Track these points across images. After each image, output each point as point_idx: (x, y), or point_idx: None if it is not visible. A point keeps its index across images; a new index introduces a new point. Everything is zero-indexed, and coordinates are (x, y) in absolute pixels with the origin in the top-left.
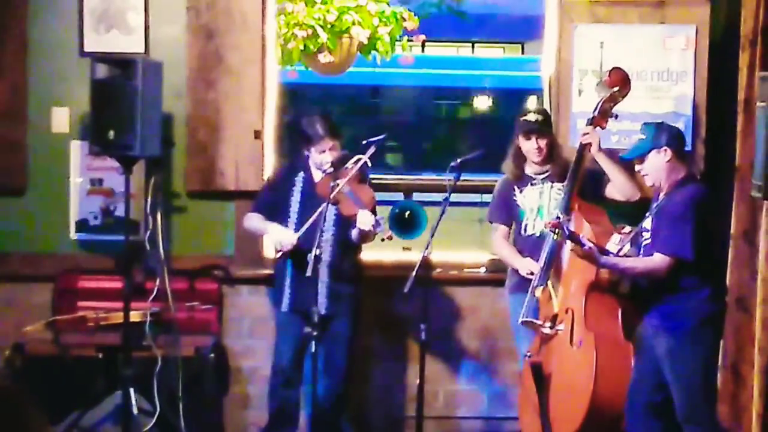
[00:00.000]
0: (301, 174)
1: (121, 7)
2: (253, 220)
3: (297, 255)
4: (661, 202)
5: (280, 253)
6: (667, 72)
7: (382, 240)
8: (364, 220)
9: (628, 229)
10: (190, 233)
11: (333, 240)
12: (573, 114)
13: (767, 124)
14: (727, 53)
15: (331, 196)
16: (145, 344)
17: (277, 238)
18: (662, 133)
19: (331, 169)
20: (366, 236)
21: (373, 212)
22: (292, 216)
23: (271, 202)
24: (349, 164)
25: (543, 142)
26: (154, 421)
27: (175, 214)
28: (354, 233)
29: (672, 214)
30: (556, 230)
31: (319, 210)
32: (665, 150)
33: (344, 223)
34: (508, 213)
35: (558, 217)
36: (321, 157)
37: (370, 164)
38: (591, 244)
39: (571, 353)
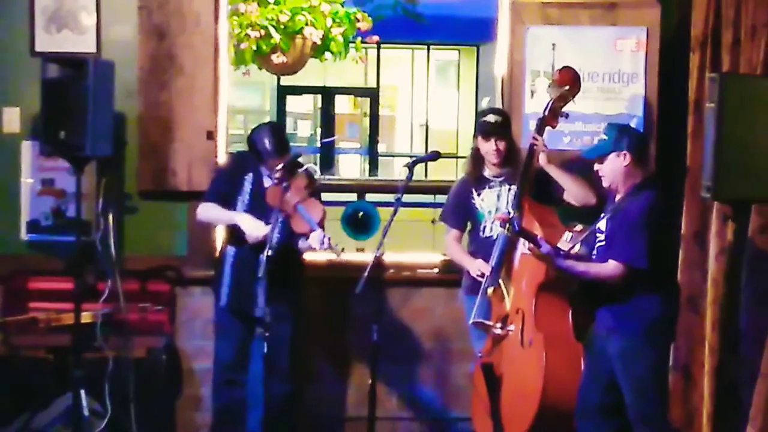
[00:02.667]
0: (251, 175)
1: (72, 7)
2: (214, 210)
3: (244, 251)
4: (617, 206)
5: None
6: (618, 73)
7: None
8: (316, 239)
9: (579, 227)
10: (142, 234)
11: (277, 242)
12: (525, 115)
13: (716, 125)
14: (677, 55)
15: (282, 210)
16: (97, 345)
17: (250, 227)
18: (624, 137)
19: (279, 176)
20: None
21: (321, 226)
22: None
23: (225, 193)
24: (300, 172)
25: (501, 145)
26: (105, 422)
27: (126, 214)
28: (303, 246)
29: (627, 222)
30: (506, 225)
31: (275, 217)
32: (625, 154)
33: (292, 230)
34: (463, 215)
35: (508, 212)
36: (269, 172)
37: (318, 173)
38: (549, 247)
39: (521, 353)
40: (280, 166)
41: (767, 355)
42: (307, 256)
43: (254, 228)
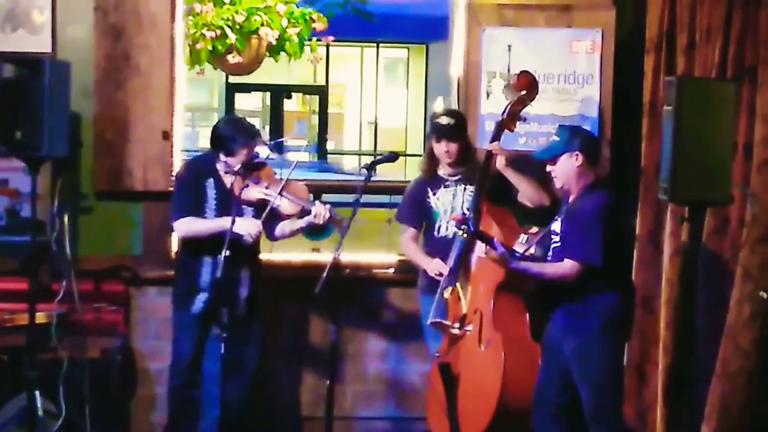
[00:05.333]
0: (211, 180)
1: (27, 6)
2: (195, 223)
3: (220, 259)
4: (570, 207)
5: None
6: (573, 75)
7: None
8: (321, 212)
9: (535, 229)
10: (98, 234)
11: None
12: (481, 116)
13: (674, 128)
14: (632, 57)
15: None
16: (51, 346)
17: (246, 227)
18: (576, 138)
19: (242, 170)
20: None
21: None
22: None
23: (193, 203)
24: (262, 164)
25: (453, 147)
26: (59, 423)
27: (82, 214)
28: (295, 227)
29: (581, 220)
30: (462, 226)
31: (268, 208)
32: (577, 155)
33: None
34: (418, 214)
35: (464, 213)
36: (236, 163)
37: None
38: (503, 249)
39: (479, 354)
40: (245, 161)
41: (722, 355)
42: (262, 257)
43: (248, 227)
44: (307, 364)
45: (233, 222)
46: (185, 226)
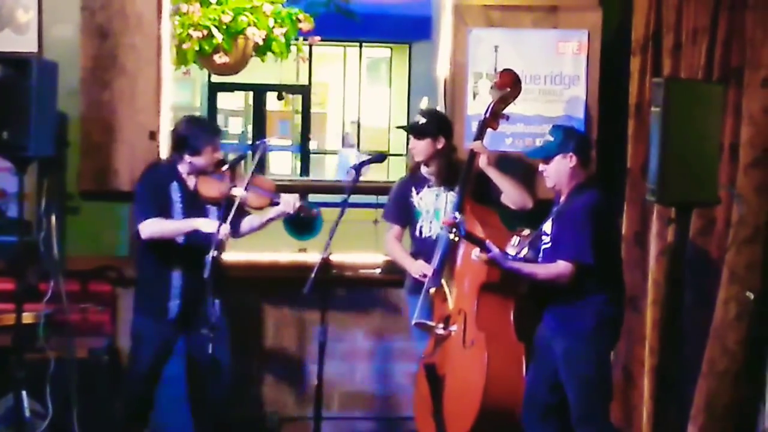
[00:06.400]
0: (175, 184)
1: (13, 6)
2: (162, 223)
3: (186, 258)
4: (561, 207)
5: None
6: (560, 76)
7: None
8: (289, 203)
9: (527, 231)
10: (84, 234)
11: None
12: (468, 116)
13: (661, 129)
14: (618, 58)
15: (231, 198)
16: (38, 346)
17: (211, 227)
18: (571, 139)
19: (207, 170)
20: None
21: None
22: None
23: (160, 206)
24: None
25: (418, 144)
26: (47, 423)
27: (68, 215)
28: (264, 218)
29: (571, 220)
30: (453, 229)
31: (234, 208)
32: (572, 156)
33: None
34: (403, 213)
35: (455, 216)
36: (208, 160)
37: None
38: (496, 249)
39: (463, 354)
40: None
41: (708, 355)
42: (247, 257)
43: (214, 227)
44: (294, 365)
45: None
46: (153, 227)
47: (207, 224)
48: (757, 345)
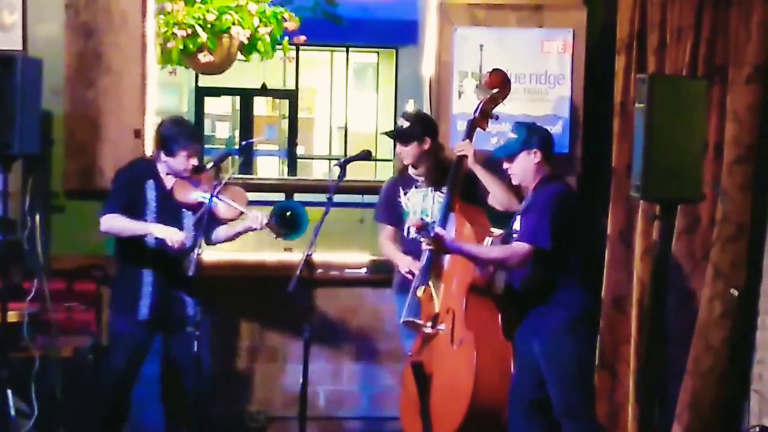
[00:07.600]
0: (152, 182)
1: None
2: (118, 220)
3: (158, 258)
4: (526, 201)
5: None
6: (545, 75)
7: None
8: (256, 219)
9: (498, 231)
10: (69, 233)
11: (194, 240)
12: (453, 115)
13: (645, 126)
14: (603, 57)
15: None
16: (23, 345)
17: (166, 233)
18: (534, 135)
19: (187, 174)
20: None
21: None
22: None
23: (128, 204)
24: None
25: (405, 150)
26: (32, 422)
27: (53, 213)
28: (230, 232)
29: (532, 209)
30: (421, 231)
31: (201, 212)
32: (536, 152)
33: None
34: (393, 213)
35: (422, 219)
36: (182, 164)
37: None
38: (443, 231)
39: (451, 353)
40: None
41: (693, 353)
42: (233, 256)
43: (170, 233)
44: (279, 364)
45: (203, 216)
46: (110, 223)
47: (162, 230)
48: (742, 343)
